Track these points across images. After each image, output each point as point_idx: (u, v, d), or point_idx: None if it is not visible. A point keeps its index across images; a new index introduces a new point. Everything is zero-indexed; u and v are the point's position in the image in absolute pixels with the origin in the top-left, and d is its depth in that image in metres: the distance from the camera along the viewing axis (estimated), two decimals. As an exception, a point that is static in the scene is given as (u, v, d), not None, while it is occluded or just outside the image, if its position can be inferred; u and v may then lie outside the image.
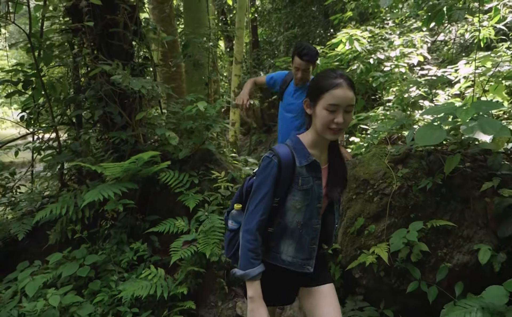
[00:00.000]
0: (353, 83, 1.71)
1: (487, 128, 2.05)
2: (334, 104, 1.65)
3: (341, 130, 1.71)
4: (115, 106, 4.13)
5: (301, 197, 1.78)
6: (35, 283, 3.05)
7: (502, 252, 2.46)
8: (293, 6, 11.95)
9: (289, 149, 1.78)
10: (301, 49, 3.26)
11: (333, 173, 1.87)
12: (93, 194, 3.29)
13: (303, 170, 1.77)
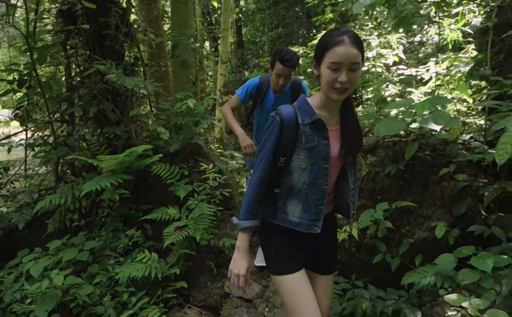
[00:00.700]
0: (359, 39, 1.66)
1: (438, 119, 2.44)
2: (336, 62, 1.62)
3: (347, 90, 1.68)
4: (108, 103, 4.43)
5: (305, 155, 1.79)
6: (39, 265, 3.34)
7: (456, 228, 2.86)
8: (276, 6, 12.36)
9: (293, 109, 1.81)
10: (283, 54, 3.16)
11: (346, 135, 1.84)
12: (91, 184, 3.60)
13: (306, 128, 1.78)
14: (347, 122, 1.84)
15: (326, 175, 1.82)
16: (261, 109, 3.54)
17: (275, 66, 3.21)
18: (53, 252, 3.72)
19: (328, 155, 1.80)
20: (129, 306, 3.39)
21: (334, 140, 1.82)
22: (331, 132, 1.81)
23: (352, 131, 1.83)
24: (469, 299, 2.13)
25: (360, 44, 1.64)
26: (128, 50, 4.91)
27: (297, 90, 3.41)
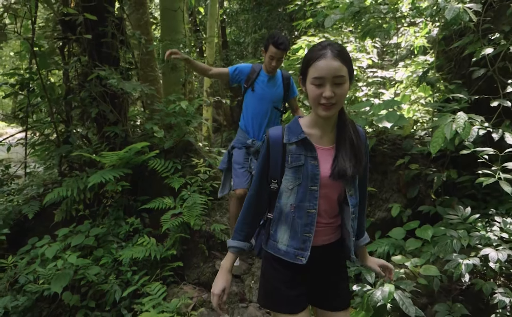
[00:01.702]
0: (343, 52, 1.63)
1: (390, 118, 3.08)
2: (318, 76, 1.60)
3: (334, 105, 1.63)
4: (106, 105, 4.97)
5: (291, 175, 1.75)
6: (52, 248, 3.89)
7: (409, 208, 3.52)
8: (260, 8, 12.96)
9: (281, 129, 1.80)
10: (276, 38, 3.50)
11: (338, 155, 1.73)
12: (97, 177, 4.15)
13: (292, 147, 1.75)
14: (342, 141, 1.74)
15: (315, 198, 1.73)
16: (253, 89, 3.80)
17: (269, 49, 3.54)
18: (61, 238, 4.25)
19: (317, 176, 1.72)
20: (132, 283, 3.95)
21: (326, 160, 1.74)
22: (323, 151, 1.75)
23: (345, 151, 1.72)
24: (410, 259, 2.77)
25: (344, 57, 1.61)
26: (123, 56, 5.46)
27: (287, 78, 3.88)
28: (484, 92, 3.41)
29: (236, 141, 3.99)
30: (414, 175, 3.56)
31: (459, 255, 2.55)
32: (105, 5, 5.09)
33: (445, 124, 2.70)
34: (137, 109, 5.73)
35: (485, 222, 2.84)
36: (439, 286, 2.64)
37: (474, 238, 2.61)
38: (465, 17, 2.92)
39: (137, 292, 3.91)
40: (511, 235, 2.62)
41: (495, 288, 2.46)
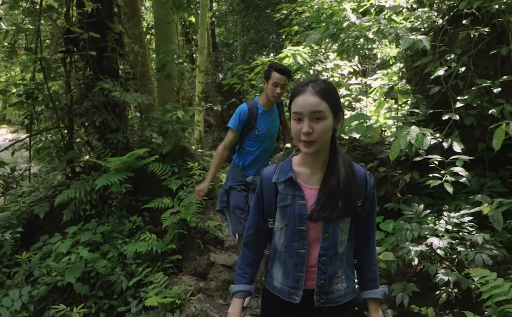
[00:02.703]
0: (326, 88, 1.65)
1: (358, 130, 3.72)
2: (297, 112, 1.64)
3: (314, 142, 1.64)
4: (108, 114, 5.54)
5: (280, 215, 1.79)
6: (65, 244, 4.47)
7: (377, 206, 4.16)
8: (248, 11, 13.57)
9: (274, 167, 1.85)
10: (278, 65, 3.54)
11: (320, 195, 1.72)
12: (103, 180, 4.74)
13: (281, 186, 1.79)
14: (329, 181, 1.72)
15: (303, 238, 1.75)
16: (257, 130, 3.70)
17: (272, 76, 3.49)
18: (71, 235, 4.83)
19: (304, 216, 1.74)
20: (136, 274, 4.54)
21: (313, 201, 1.74)
22: (311, 191, 1.76)
23: (331, 192, 1.70)
24: (373, 247, 3.42)
25: (325, 93, 1.63)
26: (122, 68, 6.03)
27: (281, 107, 3.90)
28: (440, 106, 4.07)
29: (234, 180, 3.96)
30: (382, 176, 4.21)
31: (410, 244, 3.20)
32: (106, 22, 5.66)
33: (402, 136, 3.34)
34: (136, 116, 6.32)
35: (434, 216, 3.50)
36: (396, 269, 3.29)
37: (424, 229, 3.26)
38: (420, 45, 3.57)
39: (141, 282, 4.49)
40: (453, 226, 3.28)
41: (439, 270, 3.11)
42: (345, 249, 1.81)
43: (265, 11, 13.51)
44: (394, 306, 3.17)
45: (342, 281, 1.82)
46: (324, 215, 1.70)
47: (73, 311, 4.03)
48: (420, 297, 3.24)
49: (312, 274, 1.78)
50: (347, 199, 1.69)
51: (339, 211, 1.70)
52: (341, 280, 1.82)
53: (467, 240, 3.17)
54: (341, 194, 1.69)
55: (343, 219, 1.74)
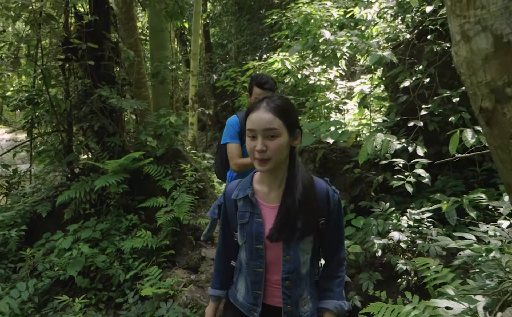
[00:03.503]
0: (281, 105, 1.63)
1: (332, 135, 4.19)
2: (250, 129, 1.62)
3: (268, 160, 1.62)
4: (105, 118, 5.99)
5: (240, 232, 1.79)
6: (67, 240, 4.93)
7: (352, 204, 4.64)
8: (241, 12, 14.01)
9: (237, 183, 1.87)
10: (259, 78, 3.36)
11: (278, 214, 1.70)
12: (102, 181, 5.19)
13: (240, 203, 1.79)
14: (288, 199, 1.70)
15: (261, 257, 1.74)
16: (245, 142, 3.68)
17: (253, 91, 3.36)
18: (72, 233, 5.29)
19: (261, 235, 1.73)
20: (133, 268, 5.00)
21: (270, 220, 1.73)
22: (268, 209, 1.75)
23: (286, 211, 1.69)
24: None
25: (280, 110, 1.61)
26: (118, 75, 6.48)
27: None
28: (409, 113, 4.55)
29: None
30: (356, 177, 4.69)
31: (375, 237, 3.68)
32: (103, 32, 6.11)
33: (369, 142, 3.81)
34: (132, 119, 6.77)
35: (398, 213, 3.97)
36: (364, 260, 3.77)
37: (388, 225, 3.74)
38: (387, 59, 4.04)
39: (137, 275, 4.95)
40: (414, 222, 3.76)
41: (399, 260, 3.59)
42: (309, 269, 1.79)
43: (258, 12, 13.93)
44: (361, 292, 3.64)
45: (308, 302, 1.82)
46: (283, 236, 1.69)
47: (75, 302, 4.49)
48: (385, 284, 3.71)
49: (273, 290, 1.78)
50: (307, 218, 1.68)
51: (298, 232, 1.68)
52: (306, 301, 1.81)
53: (425, 234, 3.64)
54: (300, 214, 1.67)
55: (304, 240, 1.71)
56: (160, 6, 6.92)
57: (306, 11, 7.88)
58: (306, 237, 1.72)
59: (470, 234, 3.02)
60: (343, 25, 5.30)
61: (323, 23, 7.44)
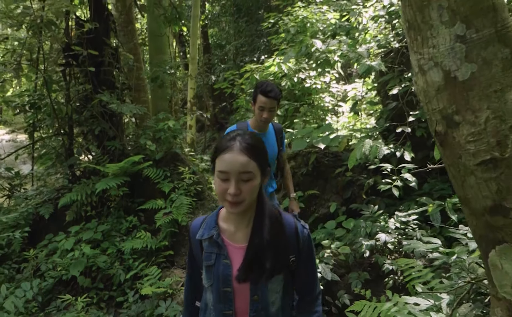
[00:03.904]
0: (254, 145, 1.59)
1: (324, 141, 4.40)
2: (222, 171, 1.55)
3: (241, 203, 1.57)
4: (105, 123, 6.21)
5: (205, 274, 1.72)
6: (70, 241, 5.15)
7: (344, 206, 4.86)
8: (240, 13, 14.23)
9: (201, 221, 1.79)
10: (264, 86, 3.29)
11: (246, 255, 1.66)
12: (102, 184, 5.41)
13: (205, 243, 1.72)
14: (256, 238, 1.66)
15: (229, 300, 1.69)
16: None
17: (258, 99, 3.31)
18: (74, 234, 5.51)
19: (229, 277, 1.67)
20: (133, 268, 5.22)
21: (238, 261, 1.67)
22: (236, 249, 1.70)
23: (253, 251, 1.65)
24: (334, 242, 4.12)
25: (254, 151, 1.57)
26: (118, 80, 6.69)
27: (280, 131, 3.70)
28: (398, 119, 4.76)
29: None
30: (348, 180, 4.91)
31: (363, 239, 3.90)
32: (103, 38, 6.33)
33: (358, 147, 4.03)
34: (131, 123, 7.00)
35: (386, 216, 4.19)
36: (353, 261, 3.99)
37: (376, 227, 3.96)
38: (376, 69, 4.25)
39: (137, 275, 5.16)
40: (401, 224, 3.98)
41: (386, 261, 3.81)
42: (279, 307, 1.75)
43: (257, 13, 14.15)
44: (350, 291, 3.86)
45: None
46: (251, 277, 1.64)
47: (78, 301, 4.71)
48: (373, 283, 3.93)
49: None
50: (276, 257, 1.65)
51: (267, 272, 1.64)
52: None
53: (411, 236, 3.86)
54: (269, 253, 1.63)
55: (272, 279, 1.68)
56: (158, 12, 7.14)
57: (302, 15, 8.12)
58: (275, 276, 1.68)
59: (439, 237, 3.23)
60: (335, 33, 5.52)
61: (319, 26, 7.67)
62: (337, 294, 3.93)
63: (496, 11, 1.36)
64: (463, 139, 1.44)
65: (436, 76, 1.46)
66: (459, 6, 1.36)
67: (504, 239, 1.46)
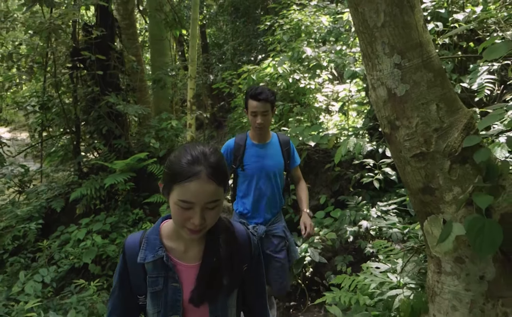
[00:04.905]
0: (219, 166, 1.43)
1: (313, 139, 4.96)
2: (186, 201, 1.38)
3: (202, 230, 1.45)
4: (112, 122, 6.76)
5: (150, 301, 1.56)
6: (82, 232, 5.71)
7: (333, 198, 5.42)
8: (237, 13, 14.75)
9: (139, 240, 1.59)
10: (254, 90, 3.16)
11: (200, 275, 1.55)
12: (111, 179, 5.97)
13: (149, 267, 1.54)
14: (210, 254, 1.57)
15: None
16: (243, 167, 3.34)
17: (249, 105, 3.17)
18: (84, 226, 6.06)
19: (178, 302, 1.55)
20: (139, 256, 5.78)
21: (190, 281, 1.55)
22: (187, 269, 1.57)
23: (211, 269, 1.55)
24: (322, 230, 4.67)
25: (221, 174, 1.43)
26: (123, 82, 7.25)
27: (286, 144, 3.44)
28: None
29: None
30: (337, 175, 5.47)
31: (348, 226, 4.46)
32: (109, 43, 6.88)
33: (343, 144, 4.59)
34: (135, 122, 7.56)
35: (369, 205, 4.76)
36: (339, 245, 4.56)
37: (359, 215, 4.53)
38: (360, 74, 4.81)
39: (143, 263, 5.73)
40: (381, 213, 4.54)
41: (367, 245, 4.37)
42: None
43: (254, 12, 14.65)
44: (336, 272, 4.43)
45: None
46: (210, 297, 1.55)
47: (91, 285, 5.27)
48: (357, 265, 4.49)
49: None
50: (233, 271, 1.59)
51: (225, 288, 1.57)
52: None
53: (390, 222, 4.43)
54: (226, 268, 1.56)
55: (231, 294, 1.63)
56: (160, 17, 7.69)
57: (297, 17, 8.67)
58: (234, 290, 1.64)
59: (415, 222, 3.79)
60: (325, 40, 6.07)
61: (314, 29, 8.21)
62: (324, 275, 4.51)
63: (422, 46, 1.91)
64: (401, 138, 1.99)
65: (382, 92, 2.01)
66: (396, 42, 1.91)
67: (432, 212, 2.01)
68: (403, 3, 1.90)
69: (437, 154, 1.93)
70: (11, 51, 6.24)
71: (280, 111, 7.73)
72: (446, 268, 2.01)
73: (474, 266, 1.92)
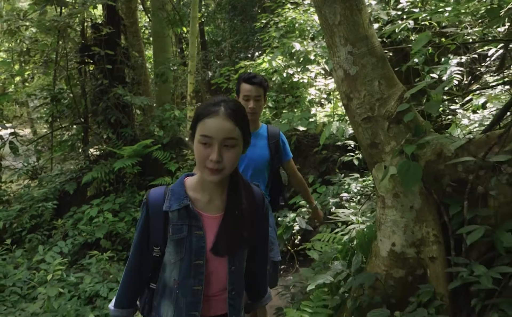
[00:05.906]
0: (239, 112, 1.59)
1: (302, 123, 5.73)
2: (206, 135, 1.53)
3: (222, 170, 1.56)
4: (119, 113, 7.53)
5: (173, 249, 1.65)
6: (94, 209, 6.48)
7: (320, 178, 6.20)
8: (235, 11, 15.53)
9: (163, 192, 1.71)
10: (247, 75, 3.19)
11: (223, 226, 1.65)
12: (119, 163, 6.74)
13: (174, 215, 1.65)
14: (231, 208, 1.67)
15: (201, 274, 1.65)
16: None
17: (242, 89, 3.16)
18: (95, 205, 6.83)
19: (202, 249, 1.64)
20: (146, 232, 6.54)
21: (213, 230, 1.66)
22: (210, 220, 1.67)
23: (235, 221, 1.66)
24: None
25: (238, 117, 1.57)
26: (128, 75, 8.02)
27: (275, 136, 3.38)
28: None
29: None
30: (324, 157, 6.25)
31: (330, 198, 5.24)
32: (116, 40, 7.65)
33: (327, 128, 5.37)
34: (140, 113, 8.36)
35: (351, 182, 5.54)
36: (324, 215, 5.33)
37: (341, 189, 5.30)
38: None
39: (150, 238, 6.49)
40: (361, 188, 5.32)
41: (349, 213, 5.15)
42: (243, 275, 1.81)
43: (251, 10, 15.44)
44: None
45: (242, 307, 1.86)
46: (231, 248, 1.66)
47: (103, 255, 6.04)
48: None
49: (210, 301, 1.72)
50: (253, 225, 1.71)
51: (245, 240, 1.69)
52: (242, 306, 1.85)
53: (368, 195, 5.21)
54: (245, 221, 1.68)
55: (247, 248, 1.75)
56: (162, 15, 8.47)
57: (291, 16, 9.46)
58: (249, 245, 1.75)
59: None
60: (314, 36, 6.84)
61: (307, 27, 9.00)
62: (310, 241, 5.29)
63: (367, 39, 2.68)
64: (354, 107, 2.76)
65: (340, 73, 2.79)
66: (348, 36, 2.68)
67: (377, 161, 2.77)
68: (353, 7, 2.68)
69: (379, 117, 2.71)
70: (29, 47, 7.00)
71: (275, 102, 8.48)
72: (388, 203, 2.79)
73: (406, 199, 2.70)
